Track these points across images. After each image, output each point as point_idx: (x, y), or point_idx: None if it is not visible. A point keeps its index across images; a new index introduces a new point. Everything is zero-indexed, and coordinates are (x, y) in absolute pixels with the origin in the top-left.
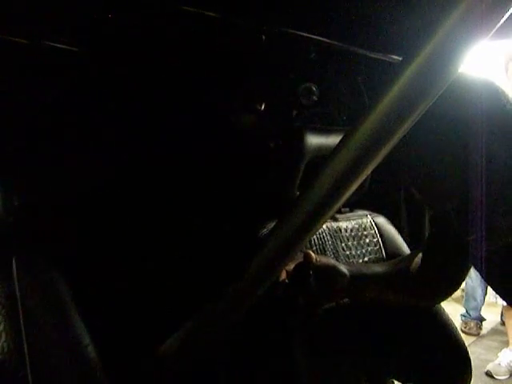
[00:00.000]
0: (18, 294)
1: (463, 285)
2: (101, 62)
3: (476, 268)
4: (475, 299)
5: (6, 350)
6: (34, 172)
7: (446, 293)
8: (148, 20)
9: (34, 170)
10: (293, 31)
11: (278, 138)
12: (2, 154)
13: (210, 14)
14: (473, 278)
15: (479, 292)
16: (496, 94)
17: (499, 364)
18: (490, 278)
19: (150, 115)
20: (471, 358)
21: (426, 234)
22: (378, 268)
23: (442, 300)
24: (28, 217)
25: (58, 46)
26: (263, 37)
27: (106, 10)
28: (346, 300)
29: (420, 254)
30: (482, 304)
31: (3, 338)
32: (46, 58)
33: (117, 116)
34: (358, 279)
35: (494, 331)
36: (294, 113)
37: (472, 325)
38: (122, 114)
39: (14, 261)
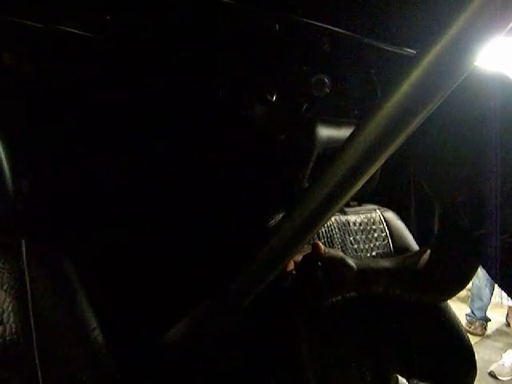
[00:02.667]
0: (26, 275)
1: (469, 284)
2: (115, 50)
3: (483, 265)
4: (481, 299)
5: (14, 330)
6: (44, 159)
7: (454, 290)
8: (160, 5)
9: (44, 157)
10: (306, 20)
11: (289, 129)
12: (12, 142)
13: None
14: (480, 277)
15: (486, 292)
16: (510, 88)
17: (503, 365)
18: (497, 276)
19: (160, 105)
20: None
21: (435, 231)
22: (385, 263)
23: (450, 297)
24: (37, 203)
25: (73, 31)
26: (277, 26)
27: None
28: (352, 294)
29: (428, 251)
30: (488, 304)
31: (12, 319)
32: (60, 44)
33: (128, 104)
34: (366, 273)
35: (498, 332)
36: (306, 104)
37: (477, 325)
38: (134, 102)
39: (23, 243)
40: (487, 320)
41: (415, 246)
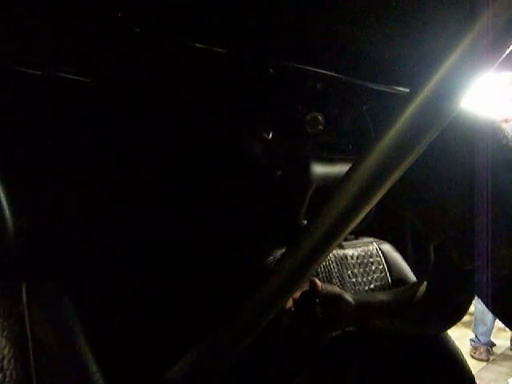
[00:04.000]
0: (27, 320)
1: (472, 309)
2: (114, 93)
3: (479, 296)
4: (485, 324)
5: (14, 377)
6: (43, 194)
7: (451, 321)
8: (160, 56)
9: (43, 191)
10: (298, 65)
11: (286, 166)
12: (12, 176)
13: (219, 50)
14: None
15: (489, 316)
16: (498, 133)
17: None
18: (493, 306)
19: (163, 147)
20: None
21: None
22: (383, 296)
23: (448, 328)
24: (36, 239)
25: (71, 76)
26: (271, 70)
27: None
28: (350, 328)
29: (425, 283)
30: (492, 328)
31: (12, 365)
32: (60, 89)
33: (127, 150)
34: (363, 308)
35: (503, 356)
36: (301, 142)
37: (482, 350)
38: (133, 149)
39: (24, 287)
40: (492, 345)
41: (412, 278)
